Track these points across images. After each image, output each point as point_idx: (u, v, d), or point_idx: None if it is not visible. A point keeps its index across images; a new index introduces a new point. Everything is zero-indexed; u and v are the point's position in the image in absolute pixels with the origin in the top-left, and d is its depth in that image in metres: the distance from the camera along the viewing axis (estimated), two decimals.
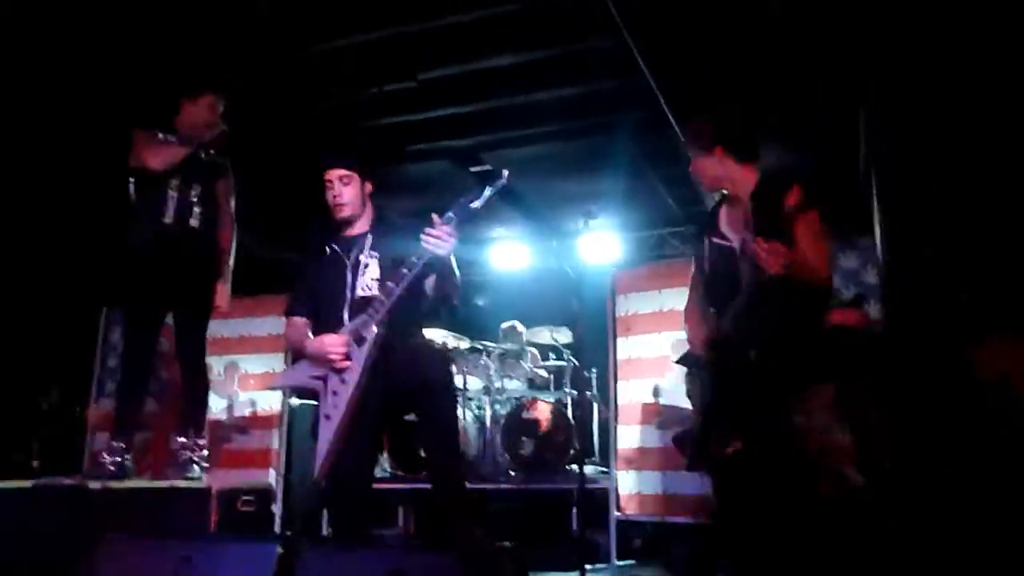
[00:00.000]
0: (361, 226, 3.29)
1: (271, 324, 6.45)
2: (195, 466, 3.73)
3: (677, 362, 3.22)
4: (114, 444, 3.60)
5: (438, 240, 2.91)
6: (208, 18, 4.18)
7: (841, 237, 4.85)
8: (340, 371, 3.04)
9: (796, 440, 2.75)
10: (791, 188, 2.81)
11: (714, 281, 3.02)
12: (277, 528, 5.76)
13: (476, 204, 2.94)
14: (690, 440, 3.00)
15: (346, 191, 3.20)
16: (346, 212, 3.21)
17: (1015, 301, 3.36)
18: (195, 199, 3.80)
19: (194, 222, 3.79)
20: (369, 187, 3.29)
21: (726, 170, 2.99)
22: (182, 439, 3.75)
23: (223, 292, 3.92)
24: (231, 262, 3.97)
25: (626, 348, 5.56)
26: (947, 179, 3.75)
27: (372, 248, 3.20)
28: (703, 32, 4.15)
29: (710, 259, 3.03)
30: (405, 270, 2.97)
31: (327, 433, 3.01)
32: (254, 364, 6.52)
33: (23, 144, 4.86)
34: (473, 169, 6.12)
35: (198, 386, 3.88)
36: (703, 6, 3.99)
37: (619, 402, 5.50)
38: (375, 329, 3.00)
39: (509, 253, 7.70)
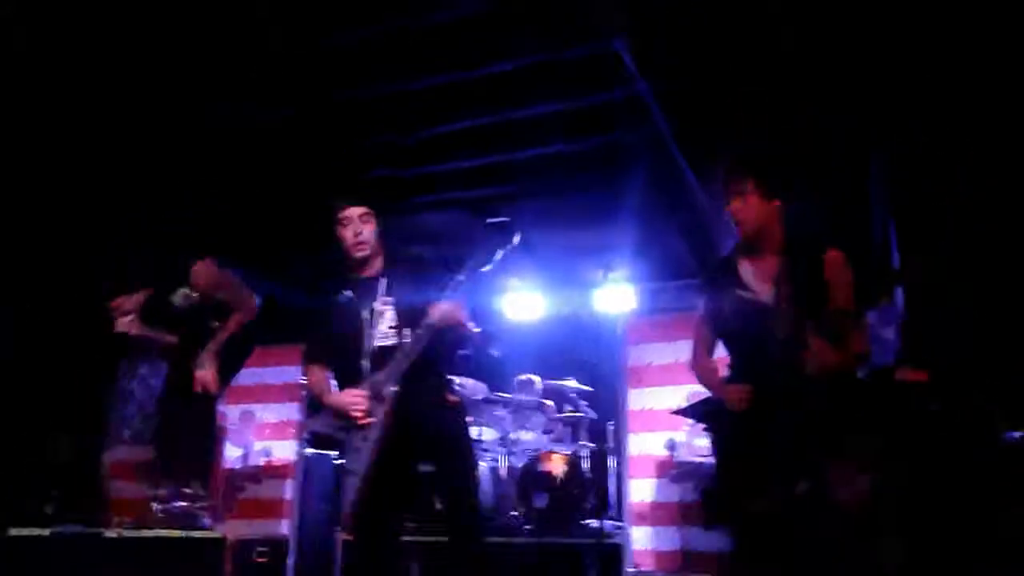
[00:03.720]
0: (374, 268, 3.27)
1: (287, 373, 6.49)
2: (203, 518, 3.73)
3: (677, 412, 3.16)
4: (185, 491, 3.66)
5: (445, 317, 2.95)
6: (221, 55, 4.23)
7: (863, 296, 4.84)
8: (362, 427, 3.03)
9: (832, 501, 2.67)
10: (826, 249, 2.81)
11: (737, 334, 2.95)
12: None
13: (486, 268, 2.96)
14: (712, 496, 2.93)
15: (366, 229, 3.20)
16: (366, 251, 3.21)
17: None
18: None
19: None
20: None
21: (763, 212, 2.89)
22: (189, 490, 3.75)
23: (204, 373, 3.85)
24: (222, 343, 3.94)
25: (639, 399, 5.54)
26: (967, 230, 3.75)
27: (386, 293, 3.19)
28: (715, 80, 4.21)
29: (732, 311, 2.93)
30: (420, 331, 2.98)
31: (351, 488, 3.01)
32: (270, 413, 6.54)
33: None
34: (490, 221, 6.16)
35: (207, 434, 3.90)
36: (715, 54, 4.04)
37: (632, 454, 5.45)
38: (392, 388, 3.00)
39: (524, 303, 7.70)
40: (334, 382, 3.22)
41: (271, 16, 3.87)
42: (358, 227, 3.18)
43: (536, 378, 6.50)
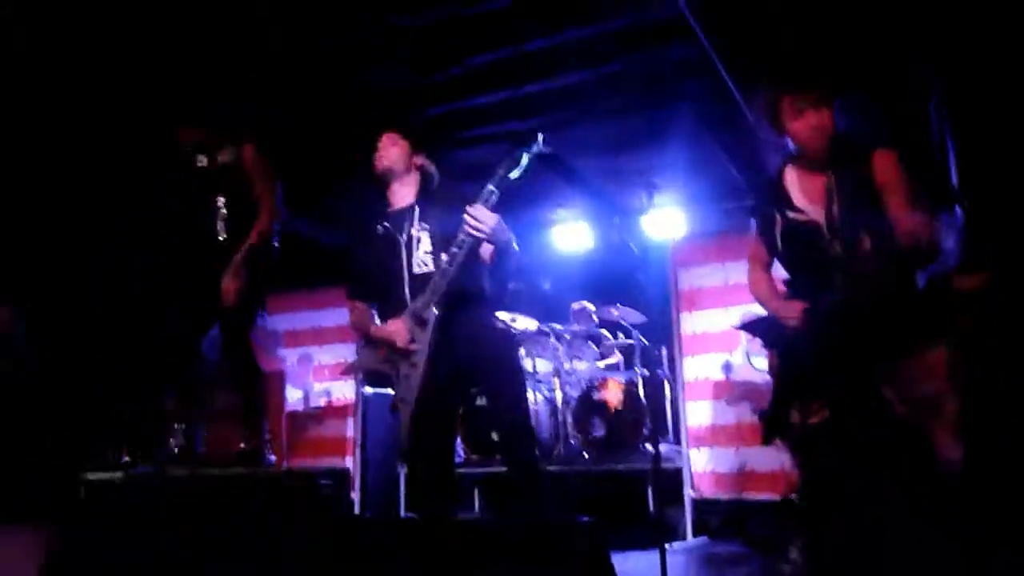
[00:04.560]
0: (407, 197, 3.28)
1: (340, 315, 6.57)
2: (269, 455, 3.83)
3: (740, 327, 3.14)
4: (176, 427, 3.72)
5: (478, 223, 2.91)
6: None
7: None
8: (408, 355, 3.07)
9: (889, 410, 2.63)
10: (875, 154, 2.69)
11: (792, 256, 2.89)
12: (356, 511, 5.89)
13: (515, 174, 2.93)
14: (766, 413, 2.92)
15: (392, 150, 3.23)
16: (384, 163, 3.24)
17: None
18: (224, 211, 3.81)
19: (222, 236, 3.79)
20: (419, 160, 3.30)
21: (828, 124, 2.74)
22: (247, 431, 3.84)
23: (228, 285, 3.74)
24: (251, 253, 3.81)
25: (691, 323, 5.50)
26: None
27: (421, 219, 3.19)
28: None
29: (785, 235, 2.86)
30: (455, 249, 2.97)
31: (405, 416, 3.07)
32: (326, 355, 6.67)
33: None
34: (537, 151, 6.09)
35: (248, 377, 3.93)
36: None
37: (687, 379, 5.45)
38: (435, 311, 3.02)
39: (572, 233, 7.67)
40: (377, 317, 3.25)
41: None
42: (382, 150, 3.24)
43: (590, 306, 6.50)
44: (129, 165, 4.61)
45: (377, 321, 3.28)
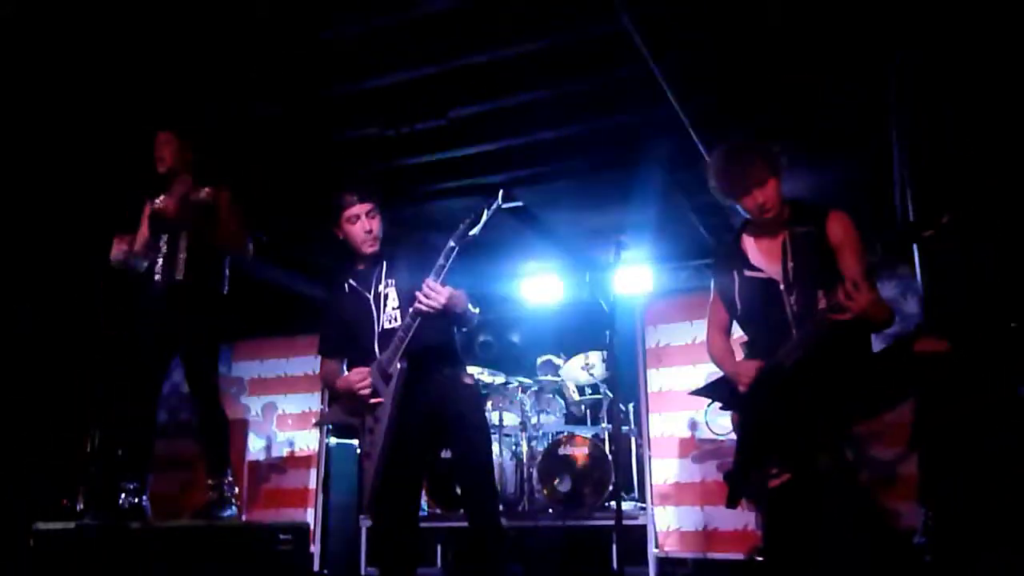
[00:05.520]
0: (375, 252, 3.29)
1: (307, 363, 6.53)
2: (231, 506, 3.74)
3: (694, 393, 3.15)
4: (127, 485, 3.62)
5: (429, 300, 2.93)
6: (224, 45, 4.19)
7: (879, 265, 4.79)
8: (373, 408, 3.06)
9: (852, 473, 2.63)
10: (830, 215, 2.75)
11: (752, 314, 2.92)
12: (316, 567, 5.76)
13: (475, 231, 2.95)
14: (732, 475, 2.91)
15: (376, 225, 3.21)
16: (376, 247, 3.22)
17: None
18: (183, 253, 3.80)
19: (179, 276, 3.78)
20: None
21: (778, 191, 2.80)
22: (210, 480, 3.77)
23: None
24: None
25: (658, 380, 5.53)
26: (990, 201, 3.67)
27: (388, 276, 3.21)
28: (726, 56, 4.15)
29: (743, 293, 2.91)
30: (409, 318, 2.99)
31: (369, 471, 3.05)
32: (291, 404, 6.60)
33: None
34: (505, 205, 6.14)
35: (214, 424, 3.88)
36: (724, 28, 3.98)
37: (653, 435, 5.46)
38: (399, 365, 3.02)
39: (542, 287, 7.70)
40: (347, 372, 3.24)
41: (269, 11, 3.84)
42: (366, 224, 3.19)
43: (556, 359, 6.51)
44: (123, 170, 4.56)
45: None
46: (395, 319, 3.13)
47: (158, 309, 3.76)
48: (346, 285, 3.27)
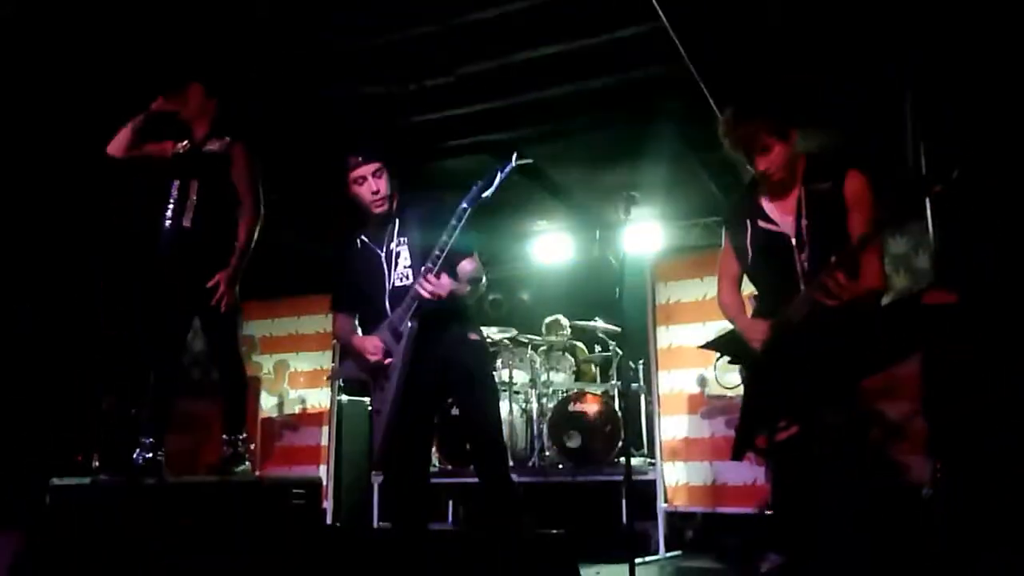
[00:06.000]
0: (387, 210, 3.26)
1: (318, 322, 6.56)
2: (245, 461, 3.79)
3: (704, 347, 3.15)
4: (144, 441, 3.65)
5: (431, 290, 2.94)
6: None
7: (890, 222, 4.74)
8: (385, 367, 3.08)
9: (861, 427, 2.64)
10: (848, 173, 2.73)
11: (763, 267, 2.90)
12: (328, 521, 5.85)
13: (488, 192, 2.94)
14: (740, 429, 2.92)
15: (383, 184, 3.18)
16: (384, 206, 3.20)
17: None
18: (194, 197, 3.73)
19: (187, 223, 3.71)
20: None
21: (786, 153, 2.79)
22: (225, 436, 3.80)
23: (227, 293, 3.67)
24: (243, 257, 3.76)
25: (667, 337, 5.54)
26: (1001, 157, 3.63)
27: (400, 233, 3.20)
28: (742, 15, 4.08)
29: (755, 244, 2.88)
30: (429, 264, 2.98)
31: (379, 427, 3.09)
32: (303, 362, 6.64)
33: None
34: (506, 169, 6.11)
35: (233, 383, 3.90)
36: None
37: (662, 392, 5.48)
38: (409, 324, 3.03)
39: (552, 246, 7.70)
40: (360, 327, 3.26)
41: None
42: (373, 184, 3.16)
43: (564, 319, 6.51)
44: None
45: (359, 331, 3.29)
46: (406, 277, 3.13)
47: (170, 264, 3.74)
48: (358, 241, 3.26)
